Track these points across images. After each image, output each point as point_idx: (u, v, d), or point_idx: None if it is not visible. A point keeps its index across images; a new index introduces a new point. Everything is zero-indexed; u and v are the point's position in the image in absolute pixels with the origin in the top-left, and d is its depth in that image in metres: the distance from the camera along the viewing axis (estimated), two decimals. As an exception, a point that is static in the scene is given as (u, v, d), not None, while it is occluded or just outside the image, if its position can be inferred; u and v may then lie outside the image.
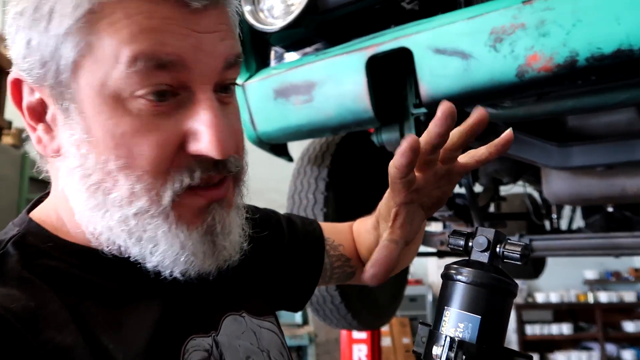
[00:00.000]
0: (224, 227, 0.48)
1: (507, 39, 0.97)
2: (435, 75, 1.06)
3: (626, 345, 6.20)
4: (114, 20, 0.41)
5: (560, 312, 6.40)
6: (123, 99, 0.42)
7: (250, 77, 1.38)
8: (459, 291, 0.44)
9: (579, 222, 2.86)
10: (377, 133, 1.26)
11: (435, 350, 0.43)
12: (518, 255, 0.45)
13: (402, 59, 1.11)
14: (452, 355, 0.42)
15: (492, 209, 2.66)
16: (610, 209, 1.89)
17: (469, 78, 1.02)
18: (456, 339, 0.43)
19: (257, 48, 1.41)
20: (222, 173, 0.47)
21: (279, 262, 0.69)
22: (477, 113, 0.54)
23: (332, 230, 0.77)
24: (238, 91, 1.53)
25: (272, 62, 1.50)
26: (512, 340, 6.16)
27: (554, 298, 6.26)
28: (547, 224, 2.70)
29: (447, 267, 0.46)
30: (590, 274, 6.54)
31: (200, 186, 0.46)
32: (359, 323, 1.70)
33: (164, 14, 0.42)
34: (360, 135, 1.74)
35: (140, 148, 0.43)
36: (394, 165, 0.53)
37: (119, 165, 0.43)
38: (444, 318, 0.44)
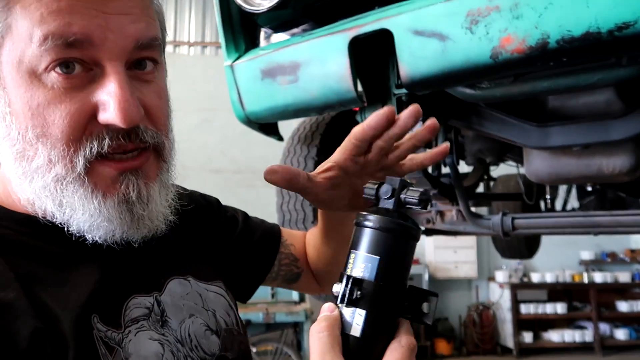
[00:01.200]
0: (142, 197, 0.51)
1: (483, 21, 1.00)
2: (414, 56, 1.09)
3: (619, 325, 6.31)
4: (27, 3, 0.46)
5: (555, 291, 6.49)
6: (38, 73, 0.47)
7: (238, 57, 1.41)
8: (362, 235, 0.48)
9: (574, 204, 2.89)
10: (361, 113, 1.30)
11: (335, 288, 0.47)
12: (417, 200, 0.47)
13: (384, 40, 1.14)
14: (347, 291, 0.45)
15: (483, 189, 2.70)
16: (589, 188, 1.92)
17: (446, 59, 1.05)
18: (356, 277, 0.46)
19: (245, 29, 1.44)
20: (134, 143, 0.50)
21: (231, 248, 0.73)
22: (429, 123, 0.62)
23: (287, 232, 0.82)
24: (227, 71, 1.55)
25: (262, 43, 1.53)
26: (506, 318, 6.26)
27: (549, 278, 6.35)
28: (542, 205, 2.73)
29: (357, 215, 0.49)
30: (586, 255, 6.60)
31: (113, 155, 0.50)
32: (346, 297, 1.76)
33: None
34: (349, 116, 1.77)
35: (53, 117, 0.47)
36: (365, 124, 0.59)
37: (36, 134, 0.48)
38: (349, 260, 0.48)
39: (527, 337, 6.18)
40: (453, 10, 1.03)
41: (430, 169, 1.66)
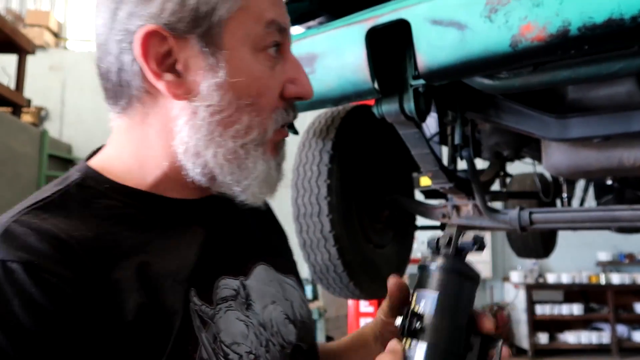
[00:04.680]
0: (283, 161, 0.61)
1: (502, 9, 0.99)
2: (432, 46, 1.08)
3: (637, 327, 6.21)
4: None
5: (572, 292, 6.41)
6: (257, 51, 0.55)
7: (255, 50, 1.42)
8: (423, 275, 0.54)
9: (592, 203, 2.86)
10: (377, 104, 1.29)
11: (397, 321, 0.54)
12: (471, 243, 0.55)
13: (401, 30, 1.14)
14: (407, 323, 0.51)
15: (499, 187, 2.67)
16: (609, 182, 1.90)
17: (464, 49, 1.04)
18: (415, 311, 0.52)
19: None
20: (295, 116, 0.61)
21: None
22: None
23: None
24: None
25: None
26: (521, 319, 6.20)
27: (565, 279, 6.27)
28: (558, 203, 2.70)
29: (421, 259, 0.56)
30: (603, 256, 6.51)
31: (281, 127, 0.59)
32: (361, 292, 1.75)
33: None
34: (364, 110, 1.77)
35: (264, 90, 0.56)
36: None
37: (247, 102, 0.54)
38: (412, 298, 0.54)
39: (543, 338, 6.11)
40: (472, -1, 1.02)
41: (446, 163, 1.65)
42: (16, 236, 0.45)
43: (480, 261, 6.42)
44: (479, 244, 0.55)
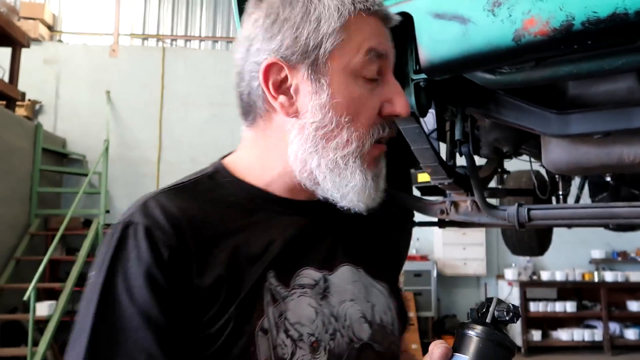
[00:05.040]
0: (383, 173, 0.69)
1: (505, 3, 0.98)
2: (434, 40, 1.07)
3: (629, 325, 6.26)
4: (358, 27, 0.65)
5: (565, 290, 6.45)
6: (356, 76, 0.64)
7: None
8: (461, 340, 0.59)
9: (587, 200, 2.87)
10: (378, 99, 1.28)
11: None
12: (505, 313, 0.59)
13: (403, 24, 1.13)
14: None
15: (498, 185, 2.67)
16: (608, 179, 1.90)
17: (467, 43, 1.03)
18: None
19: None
20: (392, 132, 0.69)
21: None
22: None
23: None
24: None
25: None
26: (515, 316, 6.22)
27: (559, 276, 6.31)
28: (554, 201, 2.71)
29: (460, 324, 0.61)
30: (597, 254, 6.55)
31: (380, 140, 0.67)
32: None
33: (379, 25, 0.67)
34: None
35: (362, 109, 0.65)
36: None
37: (347, 120, 0.64)
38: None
39: (536, 335, 6.15)
40: (475, -8, 1.01)
41: (445, 159, 1.64)
42: (148, 208, 0.61)
43: (474, 258, 6.44)
44: (514, 315, 0.59)
